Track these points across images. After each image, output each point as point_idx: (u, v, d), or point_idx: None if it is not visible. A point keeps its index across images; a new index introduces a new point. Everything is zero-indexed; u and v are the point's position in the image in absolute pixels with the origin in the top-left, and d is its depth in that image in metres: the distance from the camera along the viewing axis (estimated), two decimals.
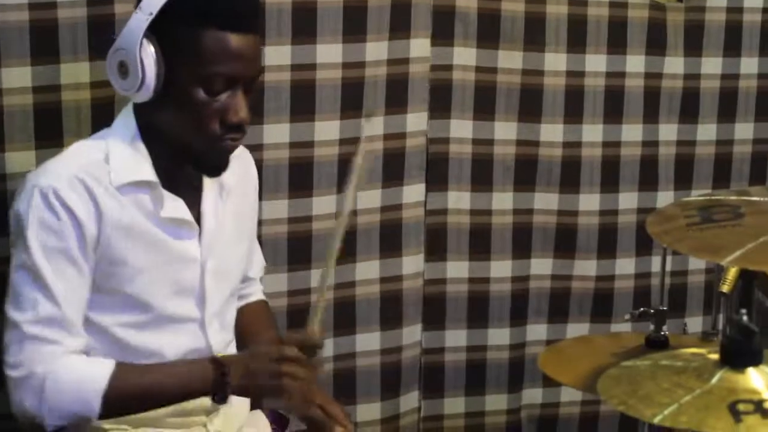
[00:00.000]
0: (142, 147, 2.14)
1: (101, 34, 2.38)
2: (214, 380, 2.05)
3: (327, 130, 2.88)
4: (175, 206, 2.17)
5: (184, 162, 2.17)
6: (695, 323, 3.20)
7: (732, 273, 2.21)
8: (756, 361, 1.58)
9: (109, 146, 2.14)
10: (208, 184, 2.24)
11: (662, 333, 2.30)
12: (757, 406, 1.51)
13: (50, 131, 2.45)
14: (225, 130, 2.10)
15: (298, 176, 2.87)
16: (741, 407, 1.50)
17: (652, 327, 2.43)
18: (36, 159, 2.42)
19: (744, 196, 2.09)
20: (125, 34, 2.08)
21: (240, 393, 2.11)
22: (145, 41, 2.05)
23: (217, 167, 2.17)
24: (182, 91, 2.08)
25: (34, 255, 2.04)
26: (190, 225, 2.19)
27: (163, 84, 2.07)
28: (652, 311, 2.33)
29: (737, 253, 1.78)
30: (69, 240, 2.06)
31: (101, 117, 2.44)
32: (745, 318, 1.57)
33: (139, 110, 2.16)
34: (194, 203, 2.20)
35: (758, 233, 1.84)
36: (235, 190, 2.28)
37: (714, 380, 1.56)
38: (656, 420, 1.50)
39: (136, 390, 2.07)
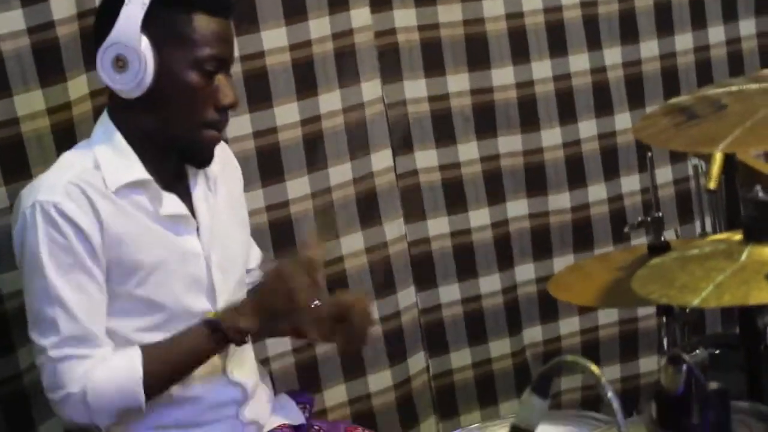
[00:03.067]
0: (128, 149, 2.15)
1: (48, 60, 2.40)
2: (217, 338, 2.12)
3: (286, 113, 2.88)
4: (172, 202, 2.18)
5: (173, 157, 2.20)
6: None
7: (715, 169, 2.26)
8: None
9: (95, 153, 2.15)
10: (195, 177, 2.26)
11: (663, 239, 2.34)
12: None
13: (16, 165, 2.42)
14: (216, 113, 2.15)
15: (267, 164, 2.88)
16: None
17: (642, 239, 2.47)
18: (7, 195, 2.39)
19: (713, 91, 2.14)
20: (120, 28, 2.08)
21: (260, 329, 2.17)
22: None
23: (206, 157, 2.21)
24: (176, 78, 2.11)
25: (49, 275, 2.05)
26: (188, 220, 2.21)
27: (155, 76, 2.08)
28: (649, 220, 2.38)
29: (729, 139, 1.83)
30: (79, 252, 2.07)
31: (64, 141, 2.42)
32: (761, 194, 1.62)
33: (119, 114, 2.17)
34: (185, 198, 2.22)
35: (744, 118, 1.88)
36: (221, 180, 2.30)
37: (744, 257, 1.61)
38: (696, 302, 1.54)
39: (167, 368, 2.13)
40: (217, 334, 2.13)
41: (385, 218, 3.06)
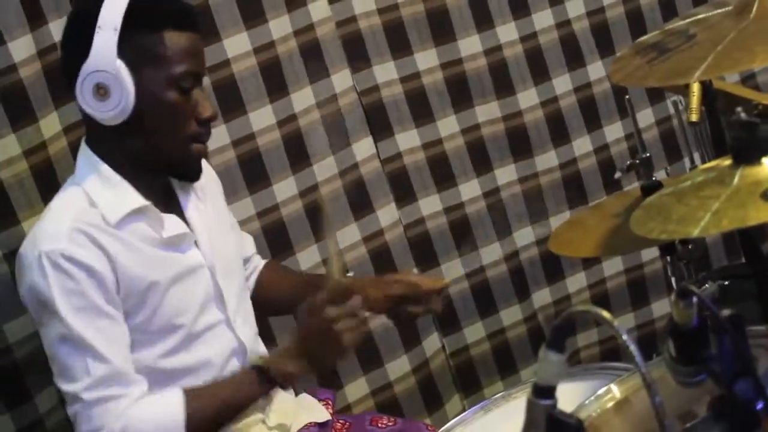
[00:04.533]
0: (117, 177, 2.14)
1: (16, 103, 2.39)
2: (262, 385, 2.12)
3: (261, 117, 2.87)
4: (173, 223, 2.18)
5: (161, 176, 2.19)
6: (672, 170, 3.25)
7: (695, 101, 2.25)
8: (767, 150, 1.62)
9: (86, 190, 2.13)
10: (183, 192, 2.25)
11: (654, 179, 2.34)
12: None
13: (2, 212, 2.41)
14: (199, 127, 2.14)
15: (250, 171, 2.87)
16: None
17: (634, 184, 2.47)
18: None
19: (681, 22, 2.13)
20: (97, 55, 2.06)
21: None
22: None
23: (197, 172, 2.21)
24: (156, 98, 2.10)
25: (69, 323, 2.02)
26: (187, 236, 2.20)
27: (135, 99, 2.07)
28: (638, 161, 2.37)
29: (703, 66, 1.82)
30: (94, 296, 2.04)
31: (45, 182, 2.43)
32: (743, 115, 1.61)
33: (101, 143, 2.15)
34: (178, 214, 2.22)
35: (715, 44, 1.88)
36: (206, 190, 2.31)
37: (736, 180, 1.60)
38: (697, 232, 1.53)
39: (210, 412, 2.10)
40: (264, 380, 2.12)
41: (377, 205, 3.05)
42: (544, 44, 3.22)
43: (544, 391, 1.41)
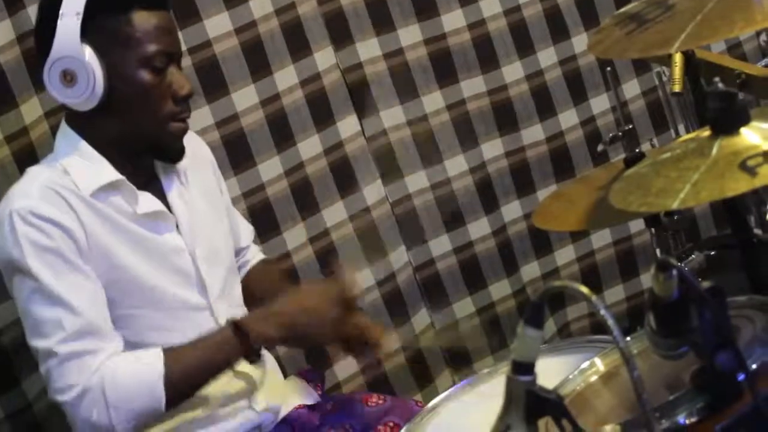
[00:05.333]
0: (96, 154, 2.13)
1: None
2: (240, 344, 2.09)
3: (245, 98, 2.86)
4: (147, 200, 2.16)
5: (142, 158, 2.19)
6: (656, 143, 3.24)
7: (677, 71, 2.23)
8: (745, 120, 1.61)
9: (62, 164, 2.12)
10: (167, 175, 2.24)
11: (638, 150, 2.32)
12: (765, 156, 1.53)
13: None
14: (176, 106, 2.13)
15: (235, 151, 2.85)
16: (751, 163, 1.52)
17: (621, 156, 2.45)
18: None
19: None
20: (60, 42, 2.05)
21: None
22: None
23: (178, 151, 2.19)
24: (129, 80, 2.09)
25: (40, 277, 2.01)
26: (166, 216, 2.19)
27: (107, 82, 2.06)
28: (620, 134, 2.36)
29: (682, 36, 1.81)
30: (66, 251, 2.03)
31: (28, 167, 2.39)
32: (721, 85, 1.60)
33: (80, 124, 2.14)
34: (160, 196, 2.20)
35: (694, 13, 1.87)
36: (192, 172, 2.29)
37: (715, 151, 1.59)
38: (676, 204, 1.53)
39: (188, 370, 2.08)
40: (241, 340, 2.09)
41: (363, 183, 3.04)
42: (528, 17, 3.20)
43: (523, 368, 1.40)
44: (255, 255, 2.52)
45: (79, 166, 2.12)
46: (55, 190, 2.06)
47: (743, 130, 1.60)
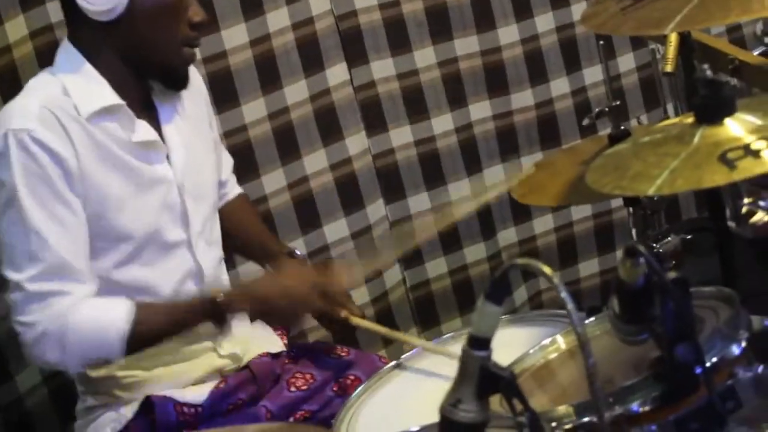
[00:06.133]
0: (97, 75, 2.11)
1: None
2: (213, 319, 2.09)
3: (235, 35, 2.82)
4: (144, 129, 2.15)
5: (143, 83, 2.17)
6: (643, 120, 3.21)
7: (671, 51, 2.21)
8: (730, 111, 1.59)
9: (62, 80, 2.10)
10: (163, 105, 2.22)
11: (623, 128, 2.30)
12: (746, 149, 1.51)
13: None
14: (191, 31, 2.13)
15: (220, 89, 2.81)
16: (731, 155, 1.50)
17: (608, 129, 2.43)
18: None
19: None
20: None
21: (259, 319, 2.20)
22: None
23: (184, 78, 2.18)
24: None
25: (25, 205, 1.99)
26: (158, 146, 2.17)
27: None
28: (607, 110, 2.33)
29: (677, 18, 1.78)
30: (56, 181, 2.01)
31: (8, 85, 2.39)
32: (708, 72, 1.58)
33: (86, 41, 2.12)
34: (155, 125, 2.18)
35: None
36: (188, 102, 2.27)
37: (696, 140, 1.57)
38: (652, 191, 1.51)
39: (152, 330, 2.07)
40: (216, 314, 2.09)
41: (347, 133, 3.01)
42: None
43: (479, 342, 1.38)
44: (232, 188, 2.52)
45: (80, 86, 2.09)
46: (54, 114, 2.03)
47: (727, 120, 1.58)
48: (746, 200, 1.84)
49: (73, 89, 2.08)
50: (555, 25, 3.20)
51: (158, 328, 2.08)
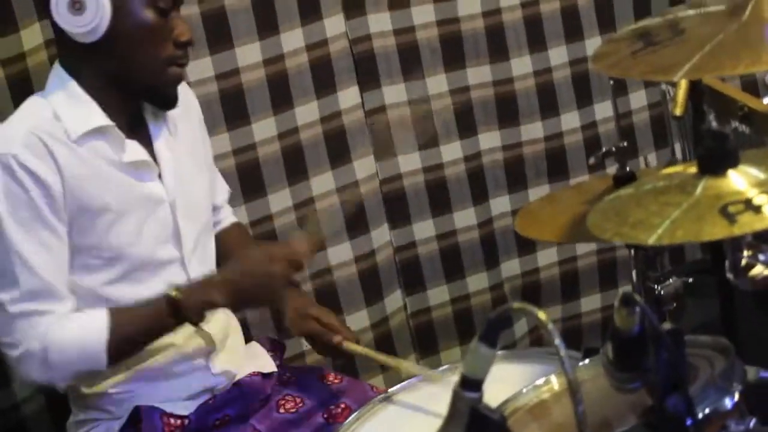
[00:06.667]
0: (86, 96, 2.12)
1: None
2: (174, 318, 2.09)
3: (248, 53, 2.83)
4: (134, 149, 2.15)
5: (132, 103, 2.17)
6: (651, 159, 3.22)
7: (681, 95, 2.20)
8: (734, 163, 1.58)
9: (52, 104, 2.11)
10: (155, 123, 2.23)
11: (628, 169, 2.30)
12: (747, 204, 1.51)
13: None
14: (177, 50, 2.13)
15: (231, 107, 2.83)
16: (732, 209, 1.50)
17: (616, 166, 2.43)
18: None
19: (678, 12, 2.07)
20: None
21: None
22: None
23: (172, 98, 2.18)
24: (134, 17, 2.08)
25: (6, 229, 2.02)
26: (150, 165, 2.18)
27: (112, 18, 2.05)
28: (613, 149, 2.33)
29: (687, 66, 1.78)
30: (39, 205, 2.03)
31: (20, 92, 2.39)
32: (714, 124, 1.58)
33: (74, 63, 2.13)
34: (146, 145, 2.19)
35: (703, 43, 1.83)
36: (181, 122, 2.27)
37: (698, 191, 1.56)
38: (652, 240, 1.50)
39: (132, 334, 2.09)
40: (176, 312, 2.08)
41: (356, 156, 3.01)
42: (545, 12, 3.17)
43: (471, 384, 1.38)
44: (227, 216, 2.52)
45: (69, 108, 2.10)
46: (41, 139, 2.05)
47: (731, 172, 1.58)
48: (746, 253, 1.84)
49: (62, 112, 2.10)
50: (568, 58, 3.21)
51: (136, 333, 2.10)
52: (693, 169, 1.62)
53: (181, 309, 2.07)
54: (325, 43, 2.92)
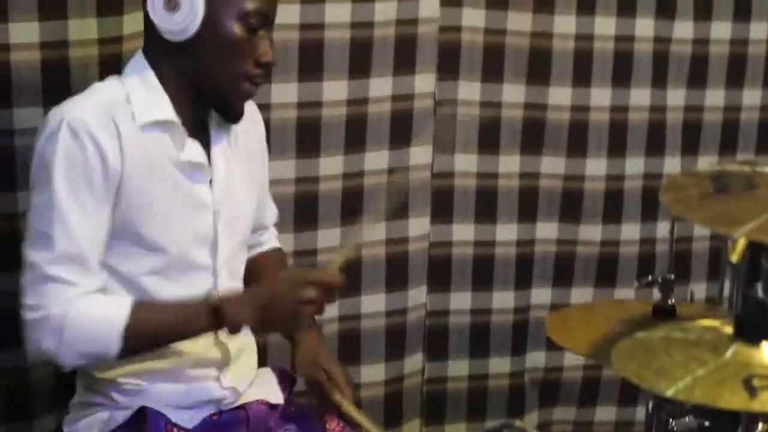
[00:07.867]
0: (160, 89, 2.15)
1: None
2: (212, 324, 2.08)
3: (335, 89, 2.86)
4: (193, 149, 2.18)
5: (201, 107, 2.20)
6: (700, 290, 3.21)
7: (741, 244, 2.19)
8: None
9: (127, 87, 2.15)
10: (218, 131, 2.25)
11: (670, 302, 2.29)
12: None
13: (58, 88, 2.42)
14: (255, 69, 2.15)
15: (305, 136, 2.86)
16: (756, 382, 1.49)
17: (658, 295, 2.41)
18: (43, 116, 2.39)
19: (758, 166, 2.06)
20: None
21: (258, 324, 2.16)
22: None
23: (238, 112, 2.20)
24: (221, 28, 2.10)
25: (56, 188, 2.03)
26: (204, 168, 2.20)
27: (201, 23, 2.08)
28: (660, 279, 2.31)
29: (750, 225, 1.76)
30: (93, 172, 2.05)
31: (109, 73, 2.39)
32: (760, 293, 1.57)
33: (156, 57, 2.16)
34: (204, 148, 2.21)
35: None
36: (243, 137, 2.29)
37: (728, 354, 1.56)
38: (670, 392, 1.50)
39: (150, 329, 2.09)
40: (214, 321, 2.08)
41: (412, 213, 3.03)
42: (632, 121, 3.17)
43: None
44: (270, 239, 2.53)
45: (142, 95, 2.14)
46: (112, 115, 2.08)
47: (765, 344, 1.57)
48: (761, 426, 1.82)
49: (135, 98, 2.13)
50: (644, 171, 3.21)
51: (156, 327, 2.09)
52: (729, 329, 1.61)
53: (221, 315, 2.07)
54: (411, 97, 2.96)
